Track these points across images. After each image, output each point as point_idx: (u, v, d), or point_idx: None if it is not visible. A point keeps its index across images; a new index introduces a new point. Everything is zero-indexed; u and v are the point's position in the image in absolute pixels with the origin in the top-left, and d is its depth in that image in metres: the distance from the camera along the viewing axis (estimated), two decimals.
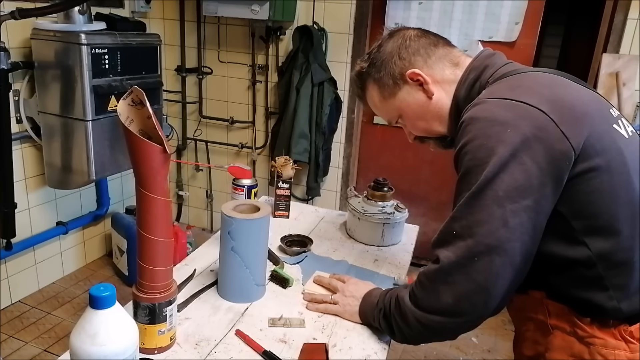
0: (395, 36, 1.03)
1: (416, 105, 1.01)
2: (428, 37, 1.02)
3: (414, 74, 0.98)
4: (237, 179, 1.37)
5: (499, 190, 0.78)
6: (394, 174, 2.44)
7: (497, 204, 0.78)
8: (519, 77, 0.90)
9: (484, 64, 0.97)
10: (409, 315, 0.89)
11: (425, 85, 0.99)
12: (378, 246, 1.44)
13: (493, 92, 0.87)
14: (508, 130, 0.79)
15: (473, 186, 0.80)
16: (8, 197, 2.22)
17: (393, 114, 1.06)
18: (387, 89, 1.03)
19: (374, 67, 1.04)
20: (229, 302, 1.09)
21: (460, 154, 0.84)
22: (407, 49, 1.00)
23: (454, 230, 0.83)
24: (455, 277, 0.82)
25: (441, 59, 0.99)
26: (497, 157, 0.78)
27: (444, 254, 0.83)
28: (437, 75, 0.99)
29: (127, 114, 0.81)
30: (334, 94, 2.79)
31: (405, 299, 0.91)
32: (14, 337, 2.27)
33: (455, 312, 0.83)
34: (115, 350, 0.70)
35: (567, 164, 0.78)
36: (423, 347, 2.36)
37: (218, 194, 3.35)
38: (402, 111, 1.04)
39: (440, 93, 0.99)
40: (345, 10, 2.72)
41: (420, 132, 1.07)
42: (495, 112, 0.82)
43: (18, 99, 2.31)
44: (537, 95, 0.82)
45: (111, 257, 2.91)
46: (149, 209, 0.83)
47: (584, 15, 4.03)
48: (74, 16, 2.21)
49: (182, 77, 3.14)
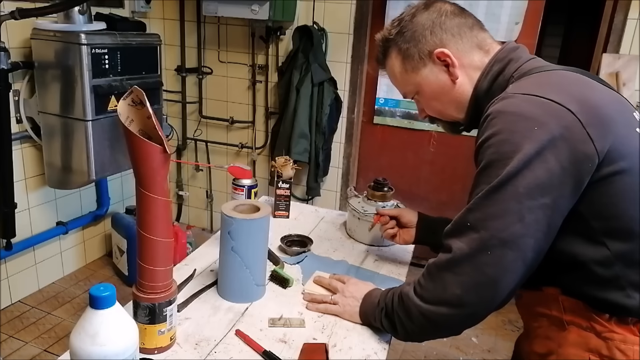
0: (431, 8, 0.98)
1: (437, 86, 0.99)
2: (464, 16, 0.97)
3: (443, 54, 0.95)
4: (237, 179, 1.37)
5: (520, 186, 0.78)
6: (394, 174, 2.45)
7: (516, 200, 0.78)
8: (548, 74, 0.89)
9: (508, 57, 0.95)
10: (413, 310, 0.89)
11: (452, 68, 0.96)
12: (378, 246, 1.44)
13: (521, 87, 0.86)
14: (535, 128, 0.78)
15: (494, 180, 0.79)
16: (8, 197, 2.22)
17: (410, 88, 1.03)
18: (410, 62, 0.99)
19: (402, 36, 0.99)
20: (229, 302, 1.09)
21: (483, 146, 0.83)
22: (441, 25, 0.96)
23: (468, 221, 0.82)
24: (465, 268, 0.82)
25: (473, 43, 0.96)
26: (522, 153, 0.77)
27: (456, 244, 0.83)
28: (465, 59, 0.96)
29: (127, 114, 0.81)
30: (334, 94, 2.79)
31: (410, 293, 0.91)
32: (14, 337, 2.27)
33: (461, 304, 0.83)
34: (115, 350, 0.70)
35: (590, 167, 0.78)
36: (423, 347, 2.36)
37: (218, 194, 3.36)
38: (421, 88, 1.01)
39: (464, 79, 0.97)
40: (345, 10, 2.72)
41: (434, 112, 1.05)
42: (522, 108, 0.81)
43: (18, 99, 2.31)
44: (565, 94, 0.81)
45: (111, 257, 2.91)
46: (149, 209, 0.83)
47: (584, 15, 4.03)
48: (74, 16, 2.21)
49: (182, 77, 3.14)
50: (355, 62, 2.79)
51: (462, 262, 0.82)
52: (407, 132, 2.92)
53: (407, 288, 0.93)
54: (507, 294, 0.82)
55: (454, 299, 0.83)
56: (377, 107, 2.93)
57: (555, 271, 0.86)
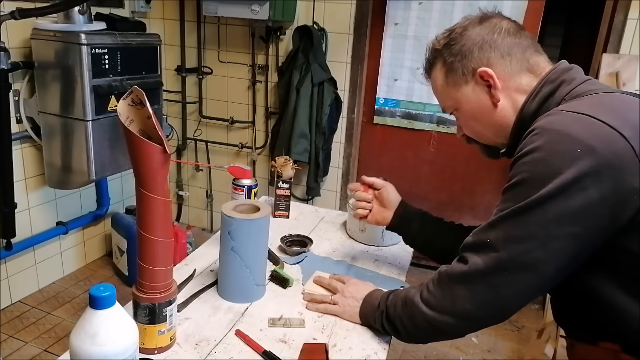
0: (485, 23, 0.92)
1: (477, 106, 0.93)
2: (519, 36, 0.91)
3: (487, 74, 0.89)
4: (237, 179, 1.37)
5: (550, 212, 0.72)
6: (394, 174, 2.45)
7: (543, 226, 0.73)
8: (603, 95, 0.81)
9: (560, 78, 0.87)
10: (418, 316, 0.88)
11: (493, 90, 0.90)
12: (378, 246, 1.44)
13: (571, 106, 0.79)
14: (578, 150, 0.71)
15: (522, 201, 0.75)
16: (8, 197, 2.22)
17: (450, 103, 0.98)
18: (453, 77, 0.94)
19: (449, 48, 0.94)
20: (229, 302, 1.09)
21: (520, 161, 0.77)
22: (491, 43, 0.90)
23: (488, 238, 0.79)
24: (479, 285, 0.80)
25: (523, 65, 0.90)
26: (559, 179, 0.71)
27: (474, 259, 0.80)
28: (511, 82, 0.90)
29: (127, 114, 0.81)
30: (334, 94, 2.79)
31: (416, 298, 0.89)
32: (14, 337, 2.27)
33: (468, 318, 0.82)
34: (115, 350, 0.70)
35: (635, 202, 0.70)
36: (423, 347, 2.36)
37: (218, 194, 3.35)
38: (460, 105, 0.96)
39: (507, 102, 0.90)
40: (345, 10, 2.72)
41: (471, 133, 1.00)
42: (569, 126, 0.73)
43: (18, 99, 2.31)
44: (620, 118, 0.73)
45: (111, 257, 2.91)
46: (149, 209, 0.83)
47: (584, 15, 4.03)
48: (74, 16, 2.21)
49: (182, 77, 3.14)
50: (355, 62, 2.79)
51: (476, 279, 0.80)
52: (407, 132, 2.92)
53: (413, 292, 0.92)
54: (515, 311, 0.81)
55: (462, 312, 0.82)
56: (377, 107, 2.93)
57: (614, 325, 0.79)
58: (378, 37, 2.79)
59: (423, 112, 2.85)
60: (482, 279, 0.80)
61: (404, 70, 2.81)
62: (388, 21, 2.74)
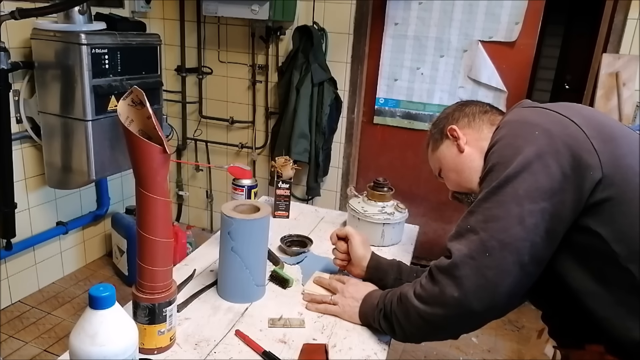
0: (464, 105, 1.12)
1: (450, 159, 1.09)
2: (483, 106, 1.10)
3: (452, 129, 1.07)
4: (237, 179, 1.37)
5: (520, 189, 0.79)
6: (394, 174, 2.45)
7: (516, 202, 0.79)
8: (553, 103, 0.93)
9: (513, 108, 1.01)
10: (412, 311, 0.89)
11: (458, 141, 1.06)
12: (378, 246, 1.44)
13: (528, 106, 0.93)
14: (536, 132, 0.81)
15: (495, 183, 0.82)
16: (8, 197, 2.22)
17: (436, 165, 1.14)
18: (434, 143, 1.13)
19: (434, 126, 1.15)
20: (229, 303, 1.09)
21: (488, 154, 0.88)
22: (461, 111, 1.10)
23: (468, 224, 0.84)
24: (465, 270, 0.82)
25: (484, 121, 1.06)
26: (522, 156, 0.80)
27: (456, 247, 0.84)
28: (474, 134, 1.06)
29: (127, 114, 0.81)
30: (334, 94, 2.79)
31: (410, 294, 0.91)
32: (14, 337, 2.27)
33: (458, 305, 0.82)
34: (115, 351, 0.70)
35: (592, 177, 0.78)
36: (423, 347, 2.36)
37: (218, 194, 3.35)
38: (441, 164, 1.12)
39: (472, 150, 1.05)
40: (345, 10, 2.72)
41: (452, 185, 1.12)
42: (527, 116, 0.87)
43: (18, 99, 2.31)
44: (572, 111, 0.85)
45: (111, 257, 2.91)
46: (149, 209, 0.83)
47: (584, 15, 4.03)
48: (74, 16, 2.21)
49: (182, 77, 3.14)
50: (355, 62, 2.79)
51: (461, 265, 0.82)
52: (407, 132, 2.91)
53: (407, 288, 0.93)
54: (506, 299, 0.81)
55: (452, 300, 0.83)
56: (377, 107, 2.93)
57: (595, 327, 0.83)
58: (378, 37, 2.79)
59: (423, 112, 2.85)
60: (467, 264, 0.82)
61: (404, 70, 2.81)
62: (388, 21, 2.74)
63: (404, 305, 0.92)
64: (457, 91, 2.74)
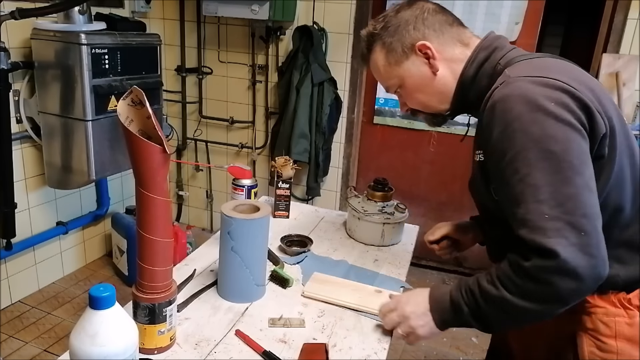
0: (414, 6, 1.03)
1: (419, 78, 1.01)
2: (445, 14, 1.02)
3: (424, 46, 0.98)
4: (237, 179, 1.37)
5: (573, 159, 0.79)
6: (394, 174, 2.45)
7: (577, 173, 0.78)
8: (539, 60, 0.92)
9: (493, 45, 0.98)
10: (520, 312, 0.83)
11: (432, 60, 0.99)
12: (378, 246, 1.44)
13: (520, 72, 0.88)
14: (552, 104, 0.80)
15: (542, 163, 0.79)
16: (8, 197, 2.22)
17: (394, 82, 1.05)
18: (394, 56, 1.02)
19: (387, 31, 1.02)
20: (229, 302, 1.09)
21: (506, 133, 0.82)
22: (423, 21, 1.00)
23: (545, 213, 0.78)
24: (575, 260, 0.76)
25: (453, 37, 1.00)
26: (555, 129, 0.79)
27: (549, 242, 0.77)
28: (446, 52, 0.99)
29: (127, 114, 0.81)
30: (334, 94, 2.79)
31: (509, 297, 0.83)
32: (14, 337, 2.27)
33: (579, 292, 0.80)
34: (115, 351, 0.70)
35: (599, 135, 0.82)
36: (423, 347, 2.36)
37: (218, 194, 3.35)
38: (404, 81, 1.03)
39: (446, 71, 1.00)
40: (345, 10, 2.72)
41: (416, 105, 1.07)
42: (533, 90, 0.82)
43: (18, 99, 2.31)
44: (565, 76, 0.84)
45: (111, 257, 2.91)
46: (149, 209, 0.83)
47: (584, 15, 4.03)
48: (74, 16, 2.21)
49: (182, 77, 3.14)
50: (355, 62, 2.79)
51: (569, 257, 0.76)
52: (407, 132, 2.91)
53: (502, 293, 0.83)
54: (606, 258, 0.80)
55: (571, 292, 0.79)
56: (377, 107, 2.93)
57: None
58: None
59: None
60: (572, 252, 0.76)
61: None
62: None
63: (504, 310, 0.85)
64: None
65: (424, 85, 1.02)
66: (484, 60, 0.97)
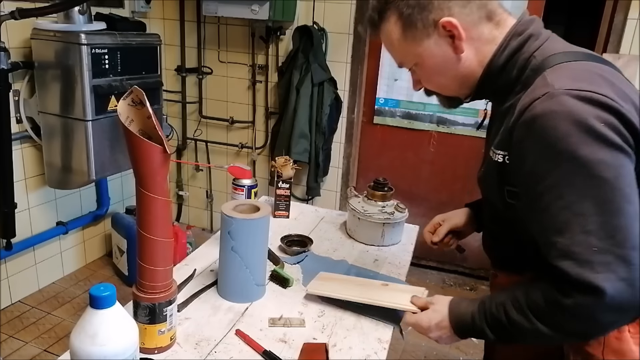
0: None
1: (440, 59, 0.89)
2: None
3: (450, 24, 0.85)
4: (237, 179, 1.37)
5: (625, 186, 0.72)
6: (394, 174, 2.44)
7: (628, 201, 0.72)
8: (580, 65, 0.82)
9: (527, 31, 0.87)
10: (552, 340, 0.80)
11: (457, 41, 0.86)
12: (378, 246, 1.44)
13: (563, 82, 0.77)
14: (602, 124, 0.72)
15: (591, 190, 0.72)
16: (8, 197, 2.22)
17: (409, 59, 0.93)
18: (412, 32, 0.88)
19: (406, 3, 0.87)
20: (229, 302, 1.09)
21: (549, 153, 0.74)
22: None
23: (593, 246, 0.72)
24: (621, 296, 0.72)
25: (482, 13, 0.87)
26: (605, 154, 0.72)
27: (597, 277, 0.71)
28: (473, 31, 0.86)
29: (127, 114, 0.82)
30: (334, 94, 2.79)
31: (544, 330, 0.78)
32: (14, 337, 2.27)
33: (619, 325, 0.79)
34: (115, 350, 0.70)
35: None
36: (423, 347, 2.36)
37: (218, 194, 3.36)
38: (422, 61, 0.91)
39: (471, 53, 0.88)
40: (345, 10, 2.72)
41: (434, 87, 0.96)
42: (581, 108, 0.73)
43: (18, 99, 2.31)
44: (610, 89, 0.76)
45: (111, 257, 2.91)
46: (149, 209, 0.83)
47: (584, 15, 4.03)
48: (74, 16, 2.21)
49: (182, 77, 3.14)
50: (355, 62, 2.79)
51: (617, 293, 0.71)
52: (407, 132, 2.91)
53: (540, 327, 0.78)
54: None
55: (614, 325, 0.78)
56: (377, 107, 2.93)
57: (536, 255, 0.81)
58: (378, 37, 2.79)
59: (423, 112, 2.85)
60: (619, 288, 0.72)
61: (404, 70, 2.79)
62: None
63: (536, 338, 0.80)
64: None
65: (445, 67, 0.90)
66: (516, 49, 0.86)
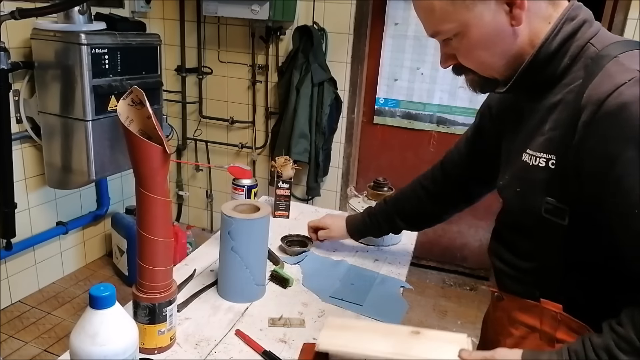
0: None
1: (492, 30, 0.75)
2: None
3: None
4: (237, 179, 1.37)
5: None
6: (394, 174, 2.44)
7: None
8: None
9: (581, 18, 0.77)
10: None
11: (517, 10, 0.73)
12: (378, 246, 1.44)
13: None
14: None
15: None
16: (8, 197, 2.22)
17: (451, 27, 0.76)
18: None
19: None
20: (229, 302, 1.09)
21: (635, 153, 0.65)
22: None
23: None
24: None
25: None
26: None
27: None
28: (532, 4, 0.74)
29: (127, 114, 0.81)
30: (334, 94, 2.79)
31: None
32: (14, 337, 2.27)
33: None
34: (115, 350, 0.70)
35: None
36: None
37: (218, 194, 3.36)
38: (467, 29, 0.75)
39: (526, 28, 0.75)
40: (345, 10, 2.72)
41: (473, 63, 0.81)
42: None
43: (18, 99, 2.31)
44: None
45: (111, 257, 2.91)
46: (149, 209, 0.83)
47: None
48: (74, 16, 2.21)
49: (182, 77, 3.14)
50: (355, 62, 2.79)
51: None
52: (407, 132, 2.92)
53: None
54: None
55: None
56: (377, 107, 2.93)
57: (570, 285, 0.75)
58: (378, 37, 2.79)
59: (423, 112, 2.85)
60: None
61: (404, 70, 2.81)
62: (388, 21, 2.74)
63: None
64: (457, 91, 2.74)
65: (494, 41, 0.76)
66: (570, 34, 0.76)
